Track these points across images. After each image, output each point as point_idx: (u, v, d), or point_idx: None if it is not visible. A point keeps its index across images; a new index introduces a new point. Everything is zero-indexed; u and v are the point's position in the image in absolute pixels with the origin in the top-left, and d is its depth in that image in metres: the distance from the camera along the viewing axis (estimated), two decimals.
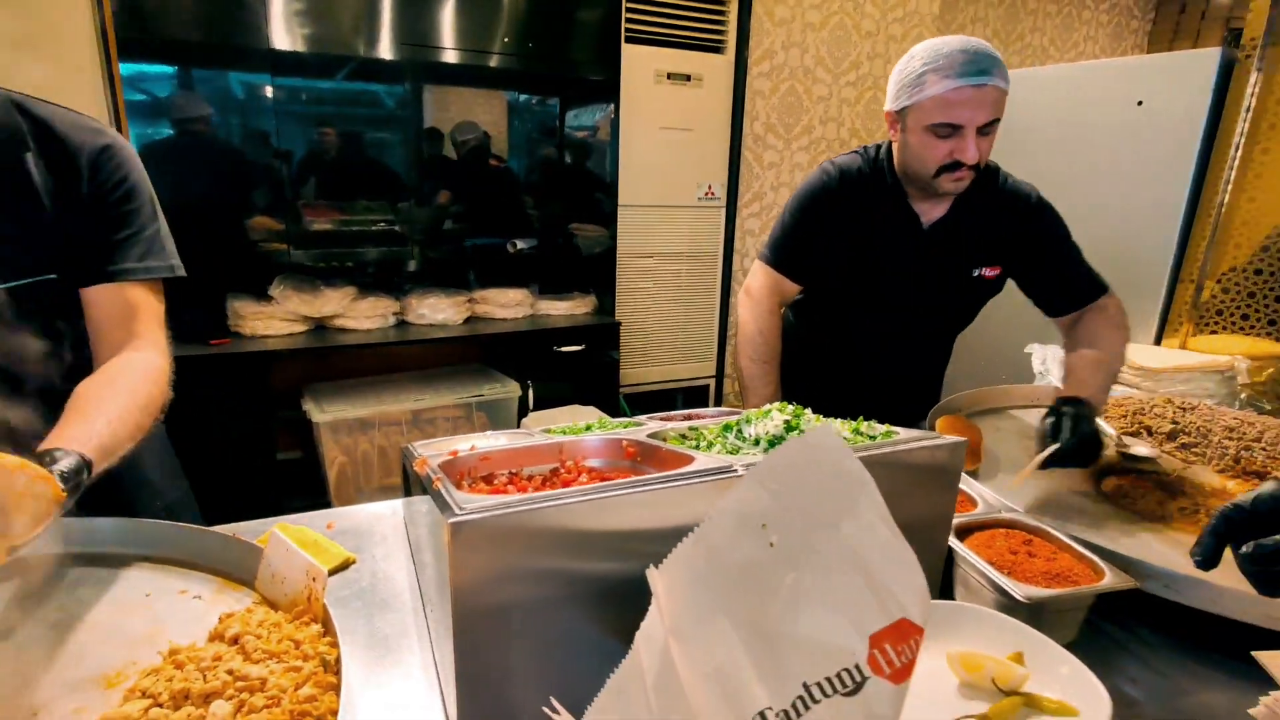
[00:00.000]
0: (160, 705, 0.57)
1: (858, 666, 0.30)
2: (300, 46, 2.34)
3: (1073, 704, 0.55)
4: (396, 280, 2.99)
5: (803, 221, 1.46)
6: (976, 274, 1.44)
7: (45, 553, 0.87)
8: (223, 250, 2.46)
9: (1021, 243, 1.42)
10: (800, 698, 0.30)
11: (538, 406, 2.80)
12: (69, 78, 2.24)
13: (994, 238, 1.42)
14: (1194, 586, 0.88)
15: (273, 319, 2.54)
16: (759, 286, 1.51)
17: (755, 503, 0.35)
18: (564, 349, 2.89)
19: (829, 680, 0.30)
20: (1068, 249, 1.42)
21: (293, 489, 2.61)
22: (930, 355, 1.63)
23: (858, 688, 0.30)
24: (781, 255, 1.48)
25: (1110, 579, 0.84)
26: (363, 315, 2.68)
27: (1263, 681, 0.68)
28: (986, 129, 1.25)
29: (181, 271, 1.11)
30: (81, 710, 0.64)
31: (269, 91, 2.38)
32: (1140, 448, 1.26)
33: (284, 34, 2.30)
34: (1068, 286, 1.42)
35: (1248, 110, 1.79)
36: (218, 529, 0.93)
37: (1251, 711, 0.69)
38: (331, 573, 0.96)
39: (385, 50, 2.46)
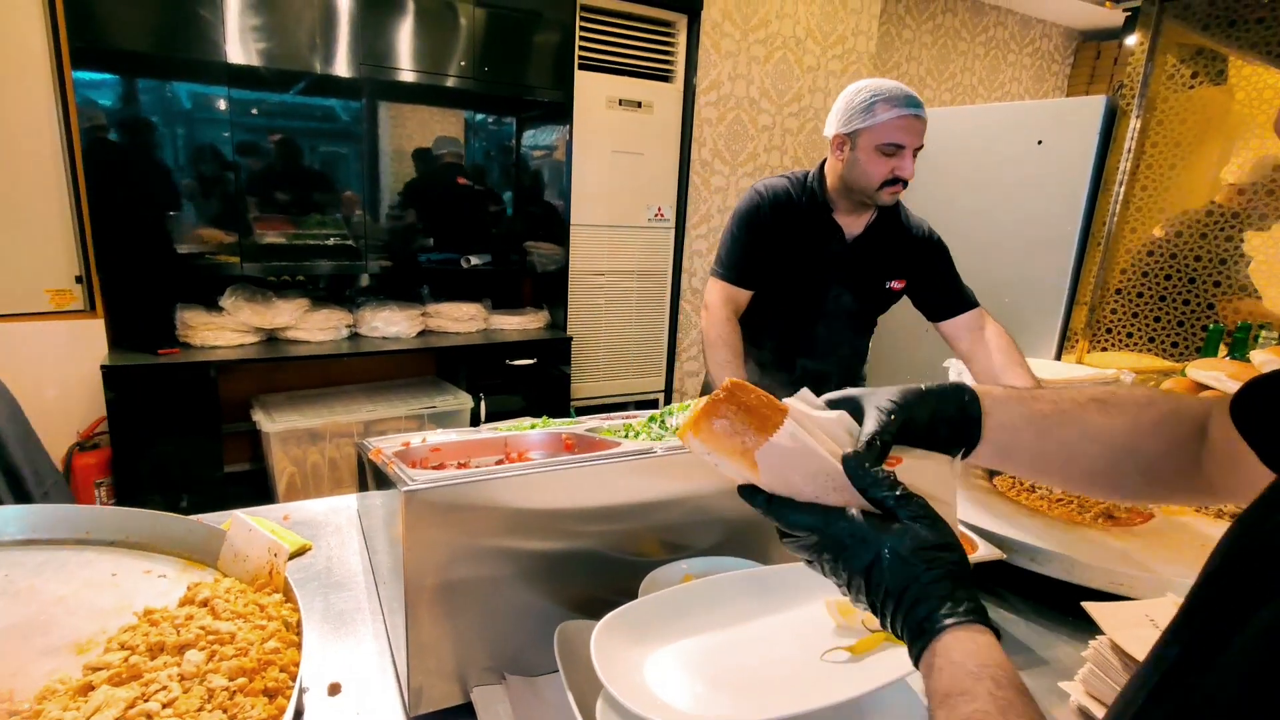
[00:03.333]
0: (138, 655, 0.64)
1: None
2: (256, 61, 2.40)
3: None
4: (350, 293, 3.03)
5: (743, 237, 1.66)
6: (887, 285, 1.69)
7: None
8: (173, 260, 2.47)
9: (922, 263, 1.69)
10: None
11: (490, 419, 2.87)
12: (16, 85, 2.25)
13: (900, 256, 1.68)
14: (1053, 559, 1.02)
15: (223, 330, 2.55)
16: (714, 299, 1.70)
17: None
18: (516, 362, 2.97)
19: None
20: (953, 269, 1.72)
21: (241, 499, 2.60)
22: (852, 352, 1.87)
23: None
24: (730, 268, 1.68)
25: (982, 552, 0.98)
26: (315, 327, 2.71)
27: (1098, 631, 0.82)
28: (916, 151, 1.51)
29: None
30: (55, 672, 0.70)
31: (223, 105, 2.42)
32: None
33: (239, 48, 2.36)
34: (951, 297, 1.70)
35: (1128, 151, 2.02)
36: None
37: (1084, 654, 0.83)
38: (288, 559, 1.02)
39: (342, 68, 2.53)
